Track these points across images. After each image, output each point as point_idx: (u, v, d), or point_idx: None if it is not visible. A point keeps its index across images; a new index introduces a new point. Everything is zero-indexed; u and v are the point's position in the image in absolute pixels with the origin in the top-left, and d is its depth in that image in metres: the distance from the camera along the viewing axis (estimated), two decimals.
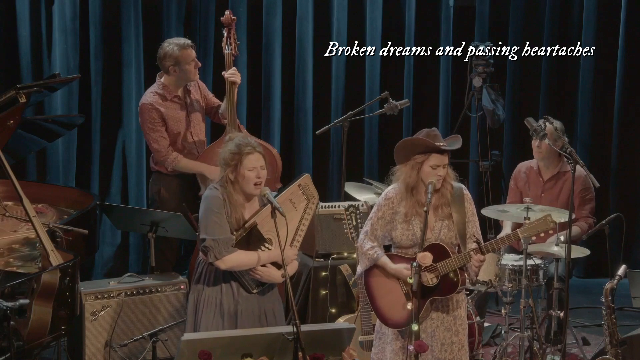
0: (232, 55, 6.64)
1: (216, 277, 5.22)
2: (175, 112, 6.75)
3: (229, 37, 6.65)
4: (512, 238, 5.20)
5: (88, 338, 6.12)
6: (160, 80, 6.76)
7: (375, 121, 8.62)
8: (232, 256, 5.10)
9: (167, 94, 6.72)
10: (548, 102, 8.76)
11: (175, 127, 6.74)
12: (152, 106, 6.68)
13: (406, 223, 5.18)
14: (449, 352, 5.23)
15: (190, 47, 6.68)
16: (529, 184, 7.02)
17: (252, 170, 5.10)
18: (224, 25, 6.67)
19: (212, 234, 5.08)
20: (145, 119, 6.70)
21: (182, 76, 6.70)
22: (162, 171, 6.81)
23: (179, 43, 6.69)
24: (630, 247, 8.63)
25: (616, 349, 5.35)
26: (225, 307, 5.21)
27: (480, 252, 5.08)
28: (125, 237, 8.18)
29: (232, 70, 6.62)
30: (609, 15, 8.62)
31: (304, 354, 4.64)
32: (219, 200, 5.12)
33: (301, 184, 5.35)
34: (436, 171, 5.10)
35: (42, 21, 7.81)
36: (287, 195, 5.30)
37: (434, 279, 5.12)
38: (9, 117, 5.60)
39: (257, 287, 5.25)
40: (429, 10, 8.77)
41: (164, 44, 6.72)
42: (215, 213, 5.10)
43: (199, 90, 6.90)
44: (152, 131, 6.68)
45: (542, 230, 5.17)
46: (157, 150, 6.71)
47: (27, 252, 5.74)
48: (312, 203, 5.35)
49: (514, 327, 6.88)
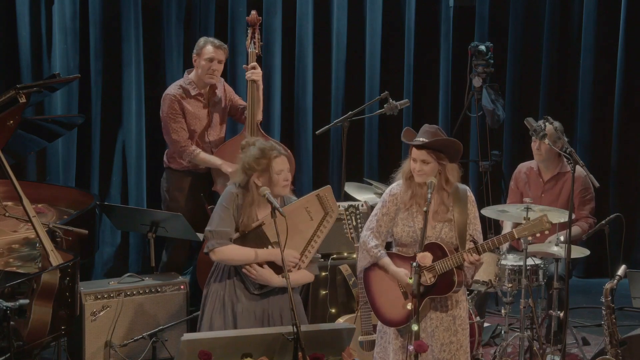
0: (256, 54, 6.71)
1: (223, 274, 5.29)
2: (197, 109, 6.78)
3: (253, 37, 6.71)
4: (507, 238, 5.21)
5: (88, 338, 6.13)
6: (189, 75, 6.80)
7: (375, 121, 8.62)
8: (223, 249, 5.15)
9: (191, 89, 6.76)
10: (548, 102, 8.75)
11: (193, 124, 6.77)
12: (174, 97, 6.73)
13: (407, 218, 5.18)
14: (447, 351, 5.23)
15: (218, 48, 6.72)
16: (529, 184, 7.02)
17: (280, 173, 5.18)
18: (249, 25, 6.76)
19: (213, 225, 5.19)
20: (166, 109, 6.74)
21: (199, 71, 6.74)
22: (173, 167, 6.84)
23: (211, 39, 6.79)
24: (630, 247, 8.63)
25: (616, 349, 5.35)
26: (228, 304, 5.24)
27: (477, 251, 5.08)
28: (125, 237, 8.18)
29: (251, 67, 6.67)
30: (609, 15, 8.62)
31: (304, 354, 4.64)
32: (231, 196, 5.21)
33: (320, 194, 5.32)
34: (415, 165, 5.12)
35: (42, 21, 7.81)
36: (303, 203, 5.28)
37: (432, 278, 5.13)
38: (9, 117, 5.60)
39: (256, 289, 5.25)
40: (429, 10, 8.77)
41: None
42: (223, 207, 5.20)
43: (224, 93, 6.93)
44: (173, 121, 6.71)
45: (538, 231, 5.17)
46: (176, 141, 6.72)
47: (27, 252, 5.74)
48: (329, 216, 5.33)
49: (514, 327, 6.88)
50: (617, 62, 8.60)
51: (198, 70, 6.77)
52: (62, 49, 7.81)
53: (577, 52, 8.68)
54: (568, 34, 8.75)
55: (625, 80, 8.60)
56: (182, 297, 6.37)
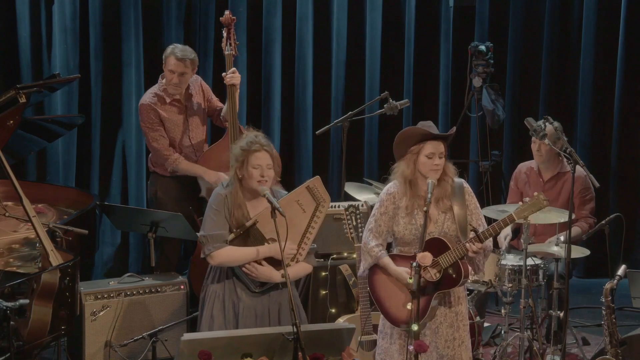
0: (232, 55, 6.63)
1: (220, 275, 5.29)
2: (173, 115, 6.74)
3: (228, 37, 6.63)
4: (507, 221, 5.18)
5: (88, 338, 6.13)
6: (162, 81, 6.76)
7: (375, 121, 8.62)
8: (221, 252, 5.15)
9: (166, 96, 6.72)
10: (548, 102, 8.75)
11: (172, 130, 6.74)
12: (150, 107, 6.68)
13: (409, 216, 5.19)
14: (450, 347, 5.25)
15: (180, 59, 6.59)
16: (529, 184, 7.02)
17: (257, 168, 5.15)
18: (224, 26, 6.66)
19: (205, 229, 5.18)
20: (143, 118, 6.70)
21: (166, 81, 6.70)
22: (159, 172, 6.81)
23: (175, 47, 6.69)
24: (630, 247, 8.63)
25: (616, 349, 5.35)
26: (228, 304, 5.24)
27: (478, 239, 5.07)
28: (125, 237, 8.18)
29: (230, 72, 6.60)
30: (609, 16, 8.61)
31: (304, 354, 4.64)
32: (220, 198, 5.19)
33: (310, 186, 5.32)
34: (432, 160, 5.10)
35: (42, 21, 7.81)
36: (294, 197, 5.29)
37: (437, 273, 5.13)
38: (9, 117, 5.60)
39: (258, 286, 5.26)
40: (429, 10, 8.77)
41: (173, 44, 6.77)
42: (213, 210, 5.19)
43: (201, 93, 6.88)
44: (151, 131, 6.68)
45: (536, 210, 5.16)
46: (157, 149, 6.70)
47: (27, 252, 5.73)
48: (322, 206, 5.33)
49: (514, 327, 6.88)
50: (617, 62, 8.59)
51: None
52: (62, 49, 7.81)
53: (577, 52, 8.68)
54: (568, 34, 8.75)
55: (625, 80, 8.60)
56: (182, 297, 6.37)
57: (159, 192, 6.82)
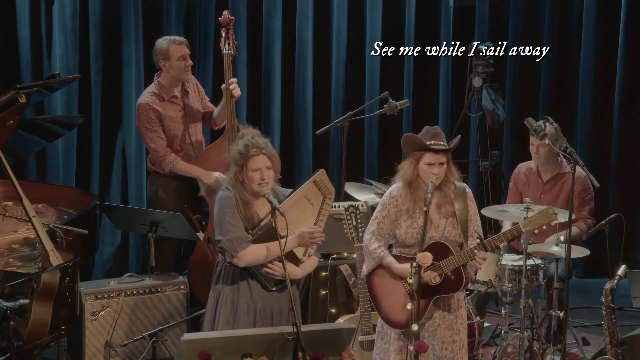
0: (231, 55, 6.63)
1: (234, 277, 5.23)
2: (173, 112, 6.74)
3: (227, 37, 6.63)
4: (514, 232, 5.19)
5: (88, 338, 6.13)
6: (158, 79, 6.76)
7: (375, 121, 8.62)
8: (247, 251, 5.10)
9: (164, 94, 6.71)
10: (548, 102, 8.76)
11: (172, 127, 6.73)
12: (149, 106, 6.67)
13: (410, 219, 5.19)
14: (449, 350, 5.24)
15: (181, 44, 6.65)
16: (528, 185, 7.02)
17: (257, 171, 5.14)
18: (222, 26, 6.66)
19: (226, 233, 5.11)
20: (142, 119, 6.69)
21: (173, 73, 6.68)
22: (159, 172, 6.80)
23: (170, 38, 6.71)
24: (630, 247, 8.63)
25: (616, 349, 5.35)
26: (244, 306, 5.21)
27: (483, 248, 5.08)
28: (125, 237, 8.18)
29: (233, 82, 6.58)
30: (609, 15, 8.62)
31: (304, 354, 4.64)
32: (231, 201, 5.16)
33: (316, 180, 5.34)
34: (431, 169, 5.10)
35: (42, 21, 7.81)
36: (303, 192, 5.30)
37: (437, 277, 5.13)
38: (9, 117, 5.60)
39: (275, 284, 5.25)
40: (429, 10, 8.77)
41: (158, 40, 6.73)
42: (228, 213, 5.14)
43: (197, 91, 6.88)
44: (149, 131, 6.67)
45: (544, 223, 5.16)
46: (155, 150, 6.69)
47: (27, 252, 5.74)
48: (328, 199, 5.35)
49: (514, 327, 6.88)
50: (617, 62, 8.60)
51: (170, 72, 6.69)
52: (62, 49, 7.81)
53: (577, 52, 8.69)
54: (568, 34, 8.75)
55: (625, 81, 8.60)
56: (182, 297, 6.36)
57: (160, 191, 6.82)
